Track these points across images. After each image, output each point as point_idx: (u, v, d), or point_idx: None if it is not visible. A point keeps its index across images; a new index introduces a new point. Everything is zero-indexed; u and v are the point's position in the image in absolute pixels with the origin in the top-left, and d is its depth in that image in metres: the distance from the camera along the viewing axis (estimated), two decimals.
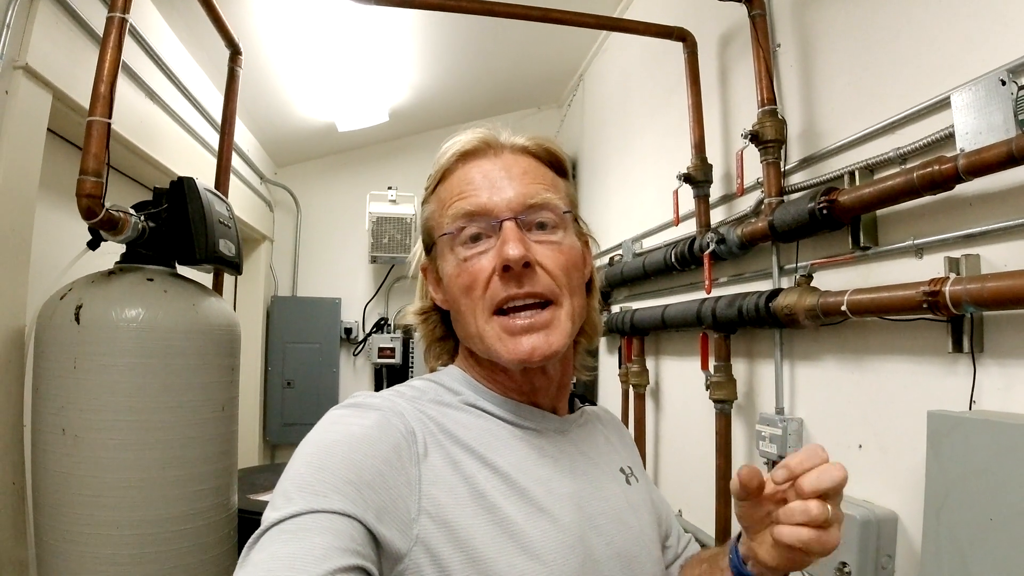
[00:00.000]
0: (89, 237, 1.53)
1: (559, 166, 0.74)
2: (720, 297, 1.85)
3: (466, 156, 0.70)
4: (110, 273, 1.54)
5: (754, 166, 1.78)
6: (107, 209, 1.43)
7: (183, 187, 1.58)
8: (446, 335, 0.77)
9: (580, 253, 0.71)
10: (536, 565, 0.58)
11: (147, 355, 1.44)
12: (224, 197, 1.77)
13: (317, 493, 0.51)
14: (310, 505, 0.50)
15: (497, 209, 0.65)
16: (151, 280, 1.53)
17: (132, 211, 1.53)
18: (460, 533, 0.56)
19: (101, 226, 1.45)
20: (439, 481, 0.58)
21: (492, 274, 0.64)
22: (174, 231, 1.58)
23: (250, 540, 0.49)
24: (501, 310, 0.65)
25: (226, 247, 1.66)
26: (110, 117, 1.48)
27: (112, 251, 1.59)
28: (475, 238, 0.66)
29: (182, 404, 1.48)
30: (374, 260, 4.06)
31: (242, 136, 3.45)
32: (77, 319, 1.42)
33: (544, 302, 0.65)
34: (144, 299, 1.47)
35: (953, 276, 1.11)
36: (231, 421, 1.64)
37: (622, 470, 0.77)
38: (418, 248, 0.79)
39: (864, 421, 1.44)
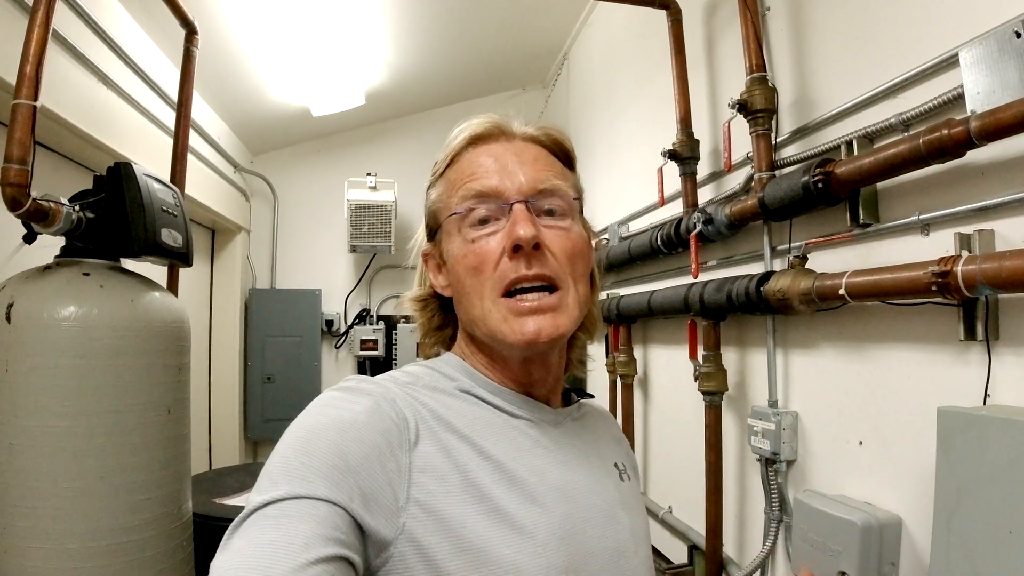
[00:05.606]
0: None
1: (567, 158, 0.75)
2: (708, 281, 1.74)
3: (477, 140, 0.71)
4: (46, 268, 1.43)
5: (743, 140, 1.66)
6: (34, 199, 1.33)
7: (119, 173, 1.45)
8: (443, 324, 0.78)
9: (587, 242, 0.72)
10: (529, 546, 0.57)
11: (82, 355, 1.34)
12: (169, 183, 1.63)
13: (302, 478, 0.50)
14: (295, 490, 0.49)
15: (508, 192, 0.66)
16: (87, 275, 1.42)
17: (65, 201, 1.42)
18: (450, 521, 0.55)
19: (29, 217, 1.35)
20: (430, 468, 0.57)
21: (501, 255, 0.65)
22: (112, 221, 1.46)
23: (233, 523, 0.49)
24: (508, 294, 0.65)
25: (171, 237, 1.53)
26: (36, 100, 1.38)
27: (54, 245, 1.48)
28: (483, 221, 0.66)
29: (123, 408, 1.39)
30: (353, 249, 3.92)
31: (213, 123, 3.31)
32: (8, 318, 1.33)
33: (551, 287, 0.65)
34: (79, 295, 1.37)
35: (966, 254, 1.00)
36: (180, 424, 1.53)
37: (616, 465, 0.76)
38: (419, 235, 0.79)
39: (864, 415, 1.33)
